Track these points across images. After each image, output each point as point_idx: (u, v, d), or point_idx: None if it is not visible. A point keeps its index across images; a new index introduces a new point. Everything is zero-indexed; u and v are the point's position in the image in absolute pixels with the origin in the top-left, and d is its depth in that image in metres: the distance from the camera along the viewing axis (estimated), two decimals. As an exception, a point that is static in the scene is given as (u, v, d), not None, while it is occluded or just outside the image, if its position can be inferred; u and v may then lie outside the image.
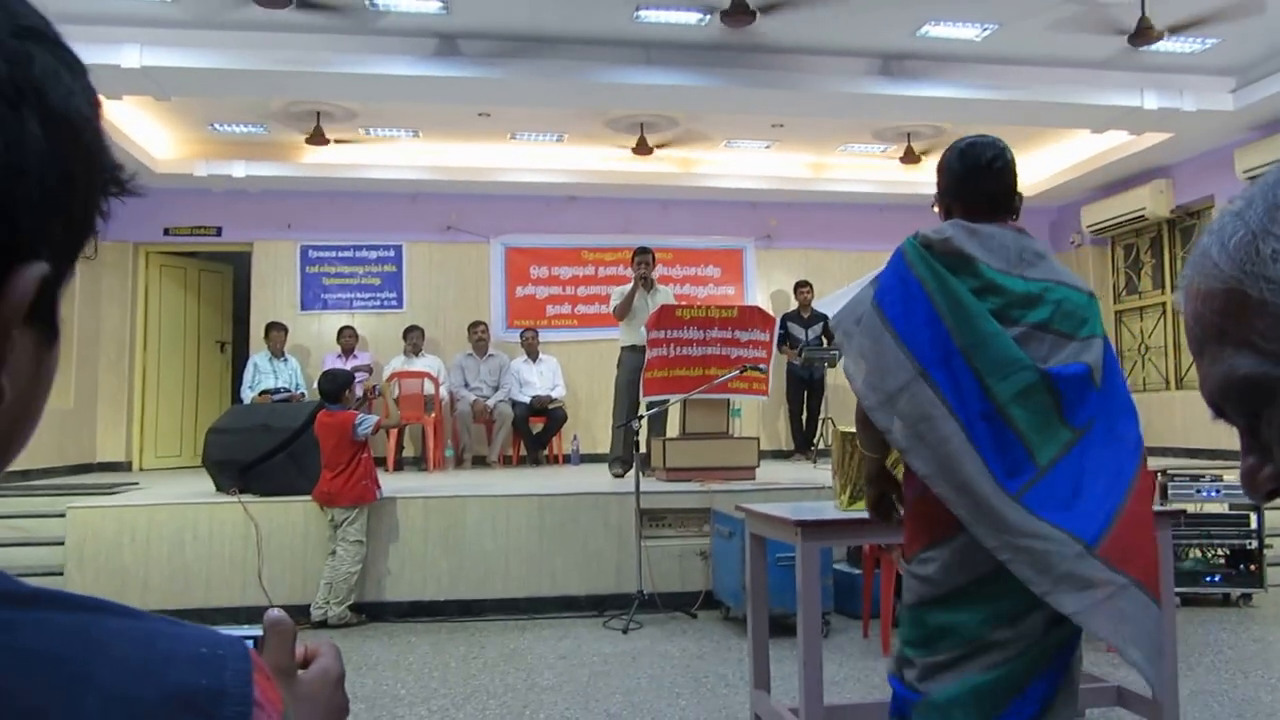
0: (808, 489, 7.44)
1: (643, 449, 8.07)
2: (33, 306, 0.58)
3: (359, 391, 8.53)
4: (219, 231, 11.79)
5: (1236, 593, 7.17)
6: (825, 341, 11.47)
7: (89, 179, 0.63)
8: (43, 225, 0.58)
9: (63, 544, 6.95)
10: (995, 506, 2.40)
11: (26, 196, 0.56)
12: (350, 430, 6.77)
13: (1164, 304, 11.65)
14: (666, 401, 8.00)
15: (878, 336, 2.60)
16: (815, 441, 10.93)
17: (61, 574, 6.87)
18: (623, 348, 8.84)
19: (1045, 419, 2.50)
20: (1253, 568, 7.12)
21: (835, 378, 11.39)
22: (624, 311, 8.71)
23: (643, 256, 8.85)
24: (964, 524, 2.45)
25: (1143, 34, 7.62)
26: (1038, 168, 12.08)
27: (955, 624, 2.50)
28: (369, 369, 10.89)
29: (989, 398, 2.50)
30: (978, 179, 2.79)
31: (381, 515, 7.16)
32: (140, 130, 10.20)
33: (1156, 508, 5.82)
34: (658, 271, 12.05)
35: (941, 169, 2.89)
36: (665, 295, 8.91)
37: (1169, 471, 7.40)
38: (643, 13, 7.90)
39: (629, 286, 8.80)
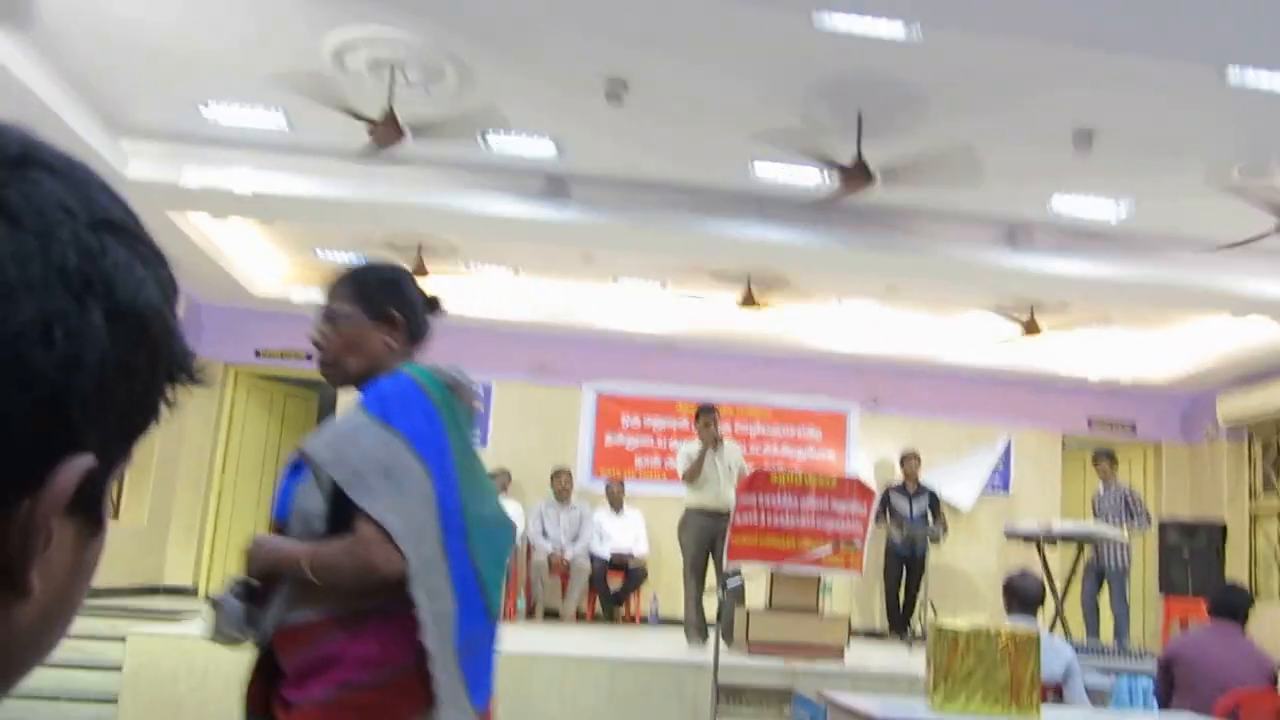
0: (900, 678, 7.27)
1: (716, 616, 7.92)
2: (76, 497, 0.58)
3: None
4: (309, 357, 12.00)
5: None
6: (931, 518, 11.32)
7: (153, 370, 0.64)
8: (95, 417, 0.59)
9: (120, 669, 7.03)
10: None
11: (81, 388, 0.57)
12: None
13: (1304, 507, 11.22)
14: (741, 574, 7.86)
15: None
16: (912, 624, 10.69)
17: (115, 701, 6.94)
18: (688, 509, 8.72)
19: None
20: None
21: (938, 557, 11.21)
22: (694, 475, 8.62)
23: (708, 416, 8.75)
24: None
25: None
26: (1171, 352, 11.89)
27: None
28: None
29: None
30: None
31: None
32: (243, 251, 10.57)
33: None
34: (757, 430, 12.08)
35: None
36: (733, 453, 8.84)
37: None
38: (759, 165, 8.05)
39: (694, 447, 8.73)
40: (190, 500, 11.62)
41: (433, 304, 2.71)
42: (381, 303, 2.49)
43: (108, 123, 7.73)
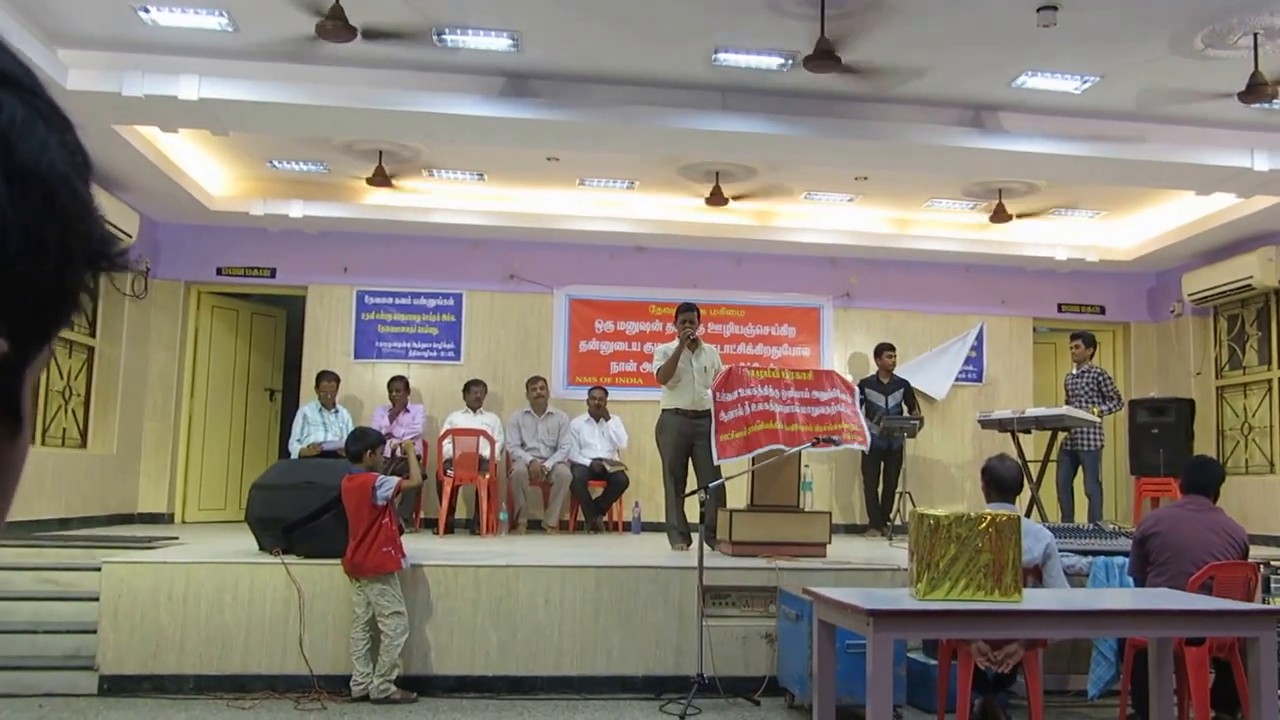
0: (882, 570, 7.38)
1: (699, 519, 7.91)
2: None
3: (387, 452, 8.48)
4: (273, 273, 11.94)
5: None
6: (905, 410, 11.38)
7: (65, 246, 0.57)
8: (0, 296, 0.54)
9: (97, 600, 7.02)
10: None
11: None
12: (370, 493, 6.73)
13: (1271, 380, 11.25)
14: (721, 475, 7.84)
15: None
16: (892, 517, 10.81)
17: (95, 632, 6.93)
18: (665, 410, 8.59)
19: None
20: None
21: (915, 449, 11.32)
22: (668, 374, 8.47)
23: (687, 314, 8.54)
24: None
25: (1255, 90, 7.49)
26: (1136, 231, 11.99)
27: None
28: (419, 436, 10.96)
29: None
30: None
31: (428, 583, 7.15)
32: (196, 165, 10.39)
33: (1258, 605, 5.70)
34: (730, 329, 12.07)
35: None
36: (710, 355, 8.70)
37: (1272, 564, 7.21)
38: (721, 56, 7.94)
39: (672, 346, 8.56)
40: (159, 427, 11.52)
41: None
42: None
43: (44, 33, 7.52)
